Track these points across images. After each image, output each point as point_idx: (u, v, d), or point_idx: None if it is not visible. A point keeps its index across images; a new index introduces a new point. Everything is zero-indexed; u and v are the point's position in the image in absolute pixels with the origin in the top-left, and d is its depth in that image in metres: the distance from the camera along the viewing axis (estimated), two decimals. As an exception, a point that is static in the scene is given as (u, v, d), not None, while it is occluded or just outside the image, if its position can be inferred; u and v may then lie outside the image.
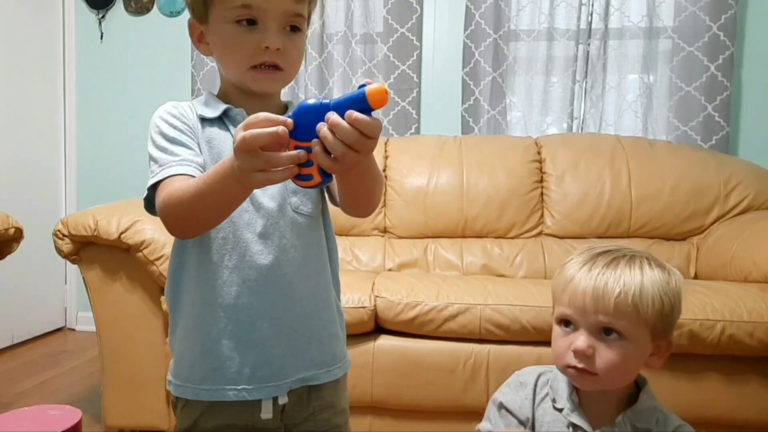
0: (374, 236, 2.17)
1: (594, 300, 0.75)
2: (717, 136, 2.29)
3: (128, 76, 2.77)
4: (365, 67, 2.55)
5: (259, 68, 0.78)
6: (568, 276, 0.79)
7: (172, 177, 0.75)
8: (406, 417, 1.59)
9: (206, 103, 0.84)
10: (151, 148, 0.79)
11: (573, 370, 0.77)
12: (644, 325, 0.76)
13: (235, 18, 0.76)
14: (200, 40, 0.83)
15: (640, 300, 0.75)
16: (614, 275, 0.76)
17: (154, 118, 0.81)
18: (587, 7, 2.37)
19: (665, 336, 0.79)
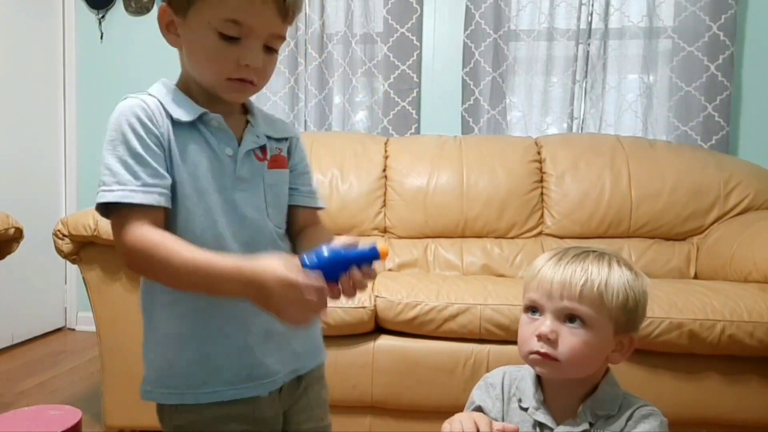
0: (374, 236, 2.17)
1: (561, 285, 0.78)
2: (717, 136, 2.29)
3: (128, 76, 2.76)
4: (365, 67, 2.55)
5: (234, 80, 0.77)
6: (537, 266, 0.82)
7: (141, 212, 0.73)
8: (406, 417, 1.59)
9: (176, 101, 0.79)
10: (109, 155, 0.75)
11: (536, 356, 0.79)
12: (607, 316, 0.78)
13: (219, 28, 0.74)
14: (169, 29, 0.80)
15: (605, 290, 0.77)
16: (582, 266, 0.79)
17: (119, 120, 0.76)
18: (587, 7, 2.37)
19: (628, 331, 0.80)
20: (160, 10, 0.79)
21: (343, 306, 1.53)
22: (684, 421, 1.48)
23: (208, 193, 0.79)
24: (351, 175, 2.18)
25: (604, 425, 0.80)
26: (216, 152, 0.80)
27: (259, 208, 0.82)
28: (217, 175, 0.79)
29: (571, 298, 0.77)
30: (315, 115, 2.57)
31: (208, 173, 0.79)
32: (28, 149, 2.64)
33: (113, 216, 0.75)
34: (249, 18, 0.74)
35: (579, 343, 0.77)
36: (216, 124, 0.80)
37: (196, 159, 0.78)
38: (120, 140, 0.75)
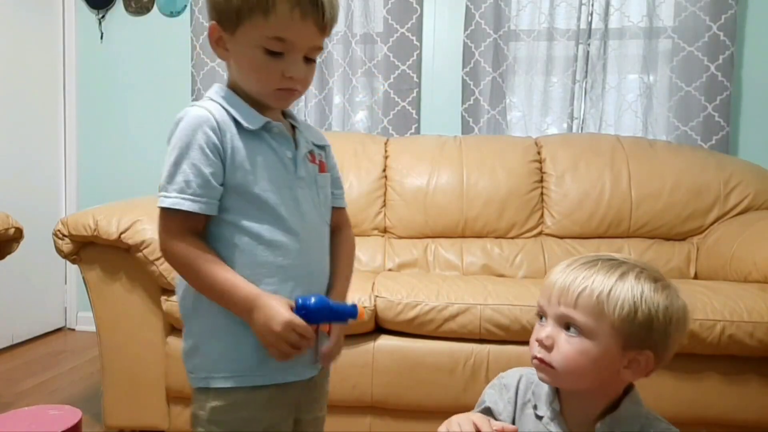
0: (374, 236, 2.17)
1: (559, 291, 0.76)
2: (717, 136, 2.29)
3: (128, 76, 2.77)
4: (365, 67, 2.55)
5: (280, 90, 0.86)
6: (551, 272, 0.81)
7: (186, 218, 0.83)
8: (406, 417, 1.59)
9: (240, 109, 0.87)
10: (171, 159, 0.83)
11: (536, 361, 0.78)
12: (610, 328, 0.73)
13: (265, 45, 0.82)
14: (218, 43, 0.87)
15: (607, 300, 0.73)
16: (587, 273, 0.76)
17: (187, 130, 0.83)
18: (587, 7, 2.37)
19: (642, 348, 0.74)
20: (210, 27, 0.87)
21: (343, 306, 1.53)
22: (684, 421, 1.48)
23: (275, 191, 0.87)
24: (351, 175, 2.18)
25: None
26: (279, 155, 0.89)
27: (315, 206, 0.94)
28: (282, 175, 0.89)
29: (567, 305, 0.75)
30: (315, 115, 2.57)
31: (274, 173, 0.88)
32: (28, 149, 2.64)
33: (164, 216, 0.84)
34: (291, 35, 0.82)
35: (573, 351, 0.74)
36: (278, 130, 0.90)
37: (262, 161, 0.87)
38: (184, 149, 0.83)
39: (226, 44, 0.86)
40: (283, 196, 0.88)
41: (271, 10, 0.81)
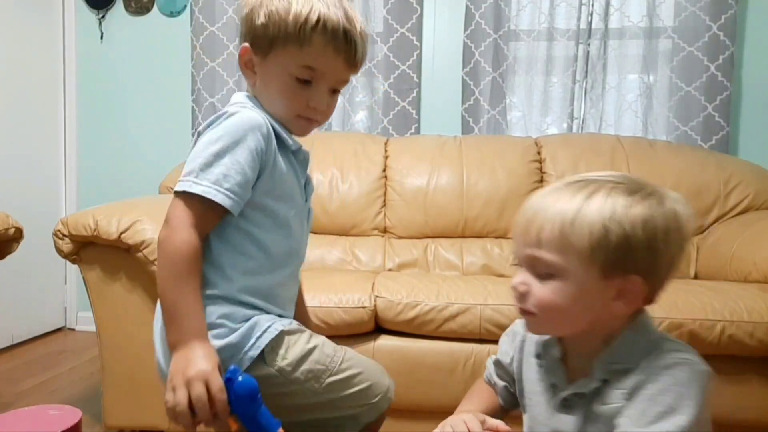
0: (374, 236, 2.17)
1: (522, 230, 0.68)
2: (717, 136, 2.29)
3: (128, 76, 2.77)
4: (365, 67, 2.54)
5: (302, 118, 0.89)
6: (527, 202, 0.71)
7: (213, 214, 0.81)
8: (406, 417, 1.59)
9: (279, 127, 0.88)
10: (213, 149, 0.81)
11: (522, 312, 0.70)
12: (581, 259, 0.64)
13: (296, 74, 0.85)
14: (247, 65, 0.89)
15: (571, 229, 0.64)
16: (549, 202, 0.67)
17: (243, 127, 0.82)
18: (587, 7, 2.37)
19: (625, 274, 0.65)
20: (242, 49, 0.88)
21: (343, 306, 1.53)
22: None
23: (293, 214, 0.90)
24: (351, 175, 2.18)
25: (623, 381, 0.66)
26: (299, 181, 0.93)
27: (306, 236, 0.97)
28: (299, 201, 0.93)
29: (530, 245, 0.67)
30: (315, 115, 2.57)
31: (295, 197, 0.91)
32: (28, 149, 2.64)
33: (184, 203, 0.80)
34: (322, 66, 0.85)
35: (549, 294, 0.66)
36: (303, 157, 0.94)
37: (290, 182, 0.90)
38: (231, 145, 0.81)
39: (255, 66, 0.88)
40: (295, 221, 0.91)
41: (307, 43, 0.84)
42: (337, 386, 0.87)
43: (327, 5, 0.85)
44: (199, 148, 0.82)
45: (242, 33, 0.89)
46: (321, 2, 0.84)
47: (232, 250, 0.85)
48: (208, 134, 0.83)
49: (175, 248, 0.78)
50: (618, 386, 0.67)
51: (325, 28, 0.84)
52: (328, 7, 0.84)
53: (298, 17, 0.83)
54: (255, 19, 0.86)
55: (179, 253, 0.78)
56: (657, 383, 0.63)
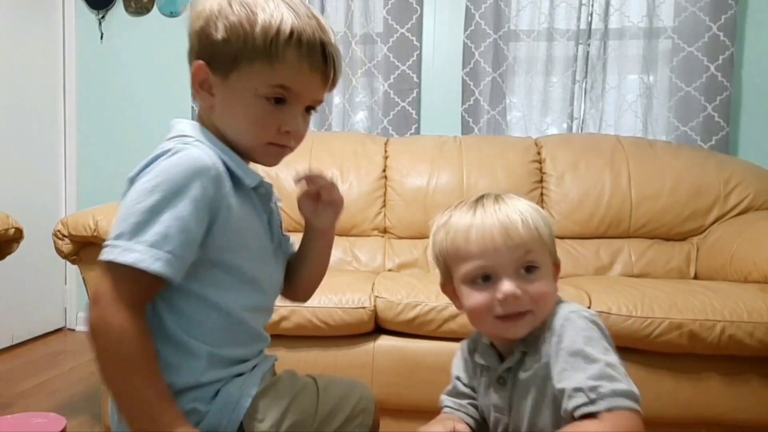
0: (374, 236, 2.17)
1: (503, 236, 0.75)
2: (717, 136, 2.29)
3: (128, 76, 2.77)
4: (365, 67, 2.55)
5: (274, 145, 0.78)
6: (462, 228, 0.78)
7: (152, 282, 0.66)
8: (406, 417, 1.59)
9: (235, 162, 0.76)
10: (162, 202, 0.67)
11: (504, 320, 0.76)
12: (546, 248, 0.78)
13: (265, 93, 0.74)
14: (203, 87, 0.76)
15: (537, 223, 0.77)
16: (507, 208, 0.77)
17: (190, 179, 0.68)
18: (587, 7, 2.37)
19: (555, 258, 0.81)
20: (195, 67, 0.75)
21: (343, 306, 1.53)
22: (684, 421, 1.48)
23: (258, 264, 0.79)
24: (351, 175, 2.18)
25: (536, 347, 0.77)
26: (262, 219, 0.81)
27: (279, 276, 0.87)
28: (265, 244, 0.81)
29: (517, 246, 0.75)
30: (315, 115, 2.55)
31: (258, 242, 0.80)
32: (28, 149, 2.64)
33: (115, 275, 0.66)
34: (297, 86, 0.75)
35: (542, 286, 0.76)
36: (264, 191, 0.81)
37: (249, 226, 0.78)
38: (171, 196, 0.67)
39: (213, 88, 0.75)
40: (262, 270, 0.80)
41: (279, 59, 0.72)
42: (327, 421, 0.84)
43: (298, 15, 0.73)
44: (131, 201, 0.68)
45: (194, 49, 0.76)
46: (290, 11, 0.73)
47: (188, 321, 0.73)
48: (141, 182, 0.69)
49: (116, 336, 0.65)
50: (533, 353, 0.78)
51: (300, 41, 0.72)
52: (299, 17, 0.73)
53: (268, 30, 0.71)
54: (213, 33, 0.73)
55: (122, 341, 0.65)
56: (561, 343, 0.73)
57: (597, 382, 0.69)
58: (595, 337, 0.73)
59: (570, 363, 0.71)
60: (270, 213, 0.83)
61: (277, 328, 1.52)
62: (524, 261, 0.75)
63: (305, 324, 1.52)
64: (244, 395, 0.75)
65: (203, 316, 0.74)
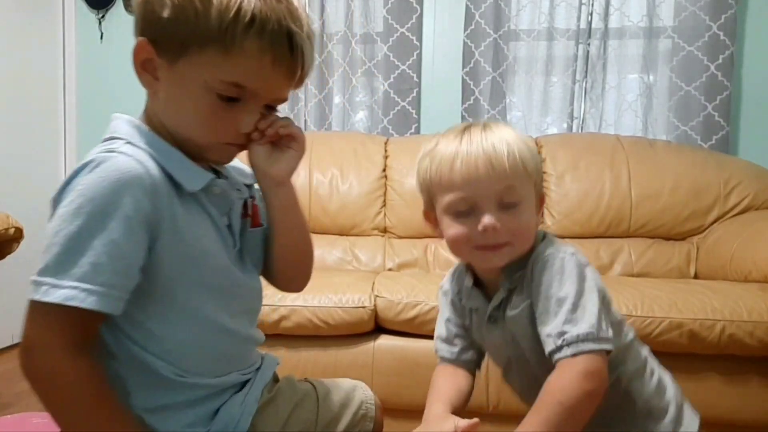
0: (374, 236, 2.16)
1: (487, 167, 0.74)
2: (717, 136, 2.29)
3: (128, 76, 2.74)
4: (365, 67, 2.55)
5: (228, 145, 0.68)
6: (447, 156, 0.76)
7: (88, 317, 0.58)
8: (406, 417, 1.59)
9: (177, 162, 0.65)
10: (88, 225, 0.57)
11: (483, 250, 0.76)
12: (530, 181, 0.76)
13: (219, 90, 0.64)
14: (145, 67, 0.66)
15: (523, 155, 0.75)
16: (494, 138, 0.75)
17: (119, 194, 0.58)
18: (587, 7, 2.37)
19: (540, 191, 0.80)
20: (138, 45, 0.66)
21: (343, 306, 1.53)
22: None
23: (215, 282, 0.69)
24: (351, 175, 2.18)
25: (521, 284, 0.78)
26: (218, 224, 0.70)
27: (251, 280, 0.75)
28: (222, 255, 0.70)
29: (502, 177, 0.73)
30: (315, 115, 2.57)
31: (213, 253, 0.68)
32: (28, 149, 2.64)
33: (46, 316, 0.58)
34: (255, 83, 0.65)
35: (520, 221, 0.75)
36: (219, 191, 0.70)
37: (204, 234, 0.67)
38: (98, 217, 0.58)
39: (158, 71, 0.65)
40: (226, 278, 0.70)
41: (234, 48, 0.62)
42: (328, 430, 0.82)
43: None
44: (53, 228, 0.58)
45: (138, 24, 0.67)
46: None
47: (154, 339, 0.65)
48: (63, 204, 0.59)
49: (62, 386, 0.57)
50: (519, 291, 0.78)
51: (262, 29, 0.62)
52: (264, 0, 0.62)
53: (224, 12, 0.60)
54: (157, 9, 0.63)
55: (69, 390, 0.57)
56: (542, 284, 0.74)
57: (563, 327, 0.70)
58: (570, 277, 0.73)
59: (544, 306, 0.73)
60: (230, 213, 0.72)
61: (277, 327, 1.52)
62: (506, 193, 0.75)
63: (305, 324, 1.52)
64: (245, 414, 0.72)
65: (169, 334, 0.66)
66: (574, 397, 0.67)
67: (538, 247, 0.78)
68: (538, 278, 0.74)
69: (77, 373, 0.58)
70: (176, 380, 0.67)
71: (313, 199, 2.15)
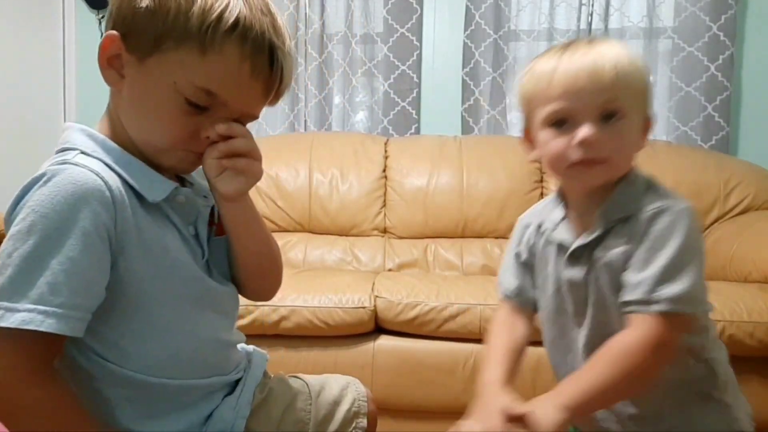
0: (374, 236, 2.17)
1: (591, 78, 0.70)
2: (717, 136, 2.29)
3: (128, 76, 2.76)
4: (365, 67, 2.55)
5: (187, 152, 0.64)
6: (547, 70, 0.73)
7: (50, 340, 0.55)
8: (406, 417, 1.59)
9: (137, 171, 0.62)
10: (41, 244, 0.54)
11: (579, 166, 0.73)
12: (635, 98, 0.73)
13: (188, 95, 0.60)
14: (112, 63, 0.63)
15: (629, 70, 0.71)
16: (598, 51, 0.71)
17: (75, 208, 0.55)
18: (587, 7, 2.37)
19: (647, 111, 0.76)
20: (105, 38, 0.63)
21: (343, 306, 1.53)
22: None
23: (186, 286, 0.66)
24: (351, 175, 2.18)
25: (621, 229, 0.73)
26: (183, 234, 0.67)
27: (219, 288, 0.72)
28: (191, 268, 0.67)
29: (604, 89, 0.70)
30: (315, 115, 2.57)
31: (183, 261, 0.66)
32: (28, 149, 2.64)
33: (6, 343, 0.54)
34: (228, 92, 0.61)
35: (621, 137, 0.72)
36: (183, 199, 0.67)
37: (168, 246, 0.64)
38: (52, 235, 0.55)
39: (125, 68, 0.62)
40: (196, 296, 0.68)
41: (213, 49, 0.59)
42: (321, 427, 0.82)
43: (249, 6, 0.60)
44: (6, 248, 0.55)
45: (111, 16, 0.63)
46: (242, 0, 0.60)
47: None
48: (15, 222, 0.56)
49: (31, 416, 0.55)
50: (618, 234, 0.74)
51: (245, 36, 0.59)
52: (251, 9, 0.60)
53: (208, 11, 0.58)
54: (137, 2, 0.60)
55: (40, 418, 0.55)
56: (650, 233, 0.70)
57: (660, 281, 0.68)
58: (680, 232, 0.69)
59: (646, 255, 0.69)
60: (196, 222, 0.69)
61: (277, 328, 1.52)
62: (607, 107, 0.71)
63: (305, 324, 1.52)
64: (239, 417, 0.72)
65: (145, 351, 0.64)
66: (643, 358, 0.66)
67: (647, 195, 0.75)
68: (647, 225, 0.71)
69: (39, 404, 0.55)
70: (161, 387, 0.66)
71: (313, 199, 2.15)
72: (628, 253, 0.72)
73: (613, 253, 0.73)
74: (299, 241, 2.09)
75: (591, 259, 0.76)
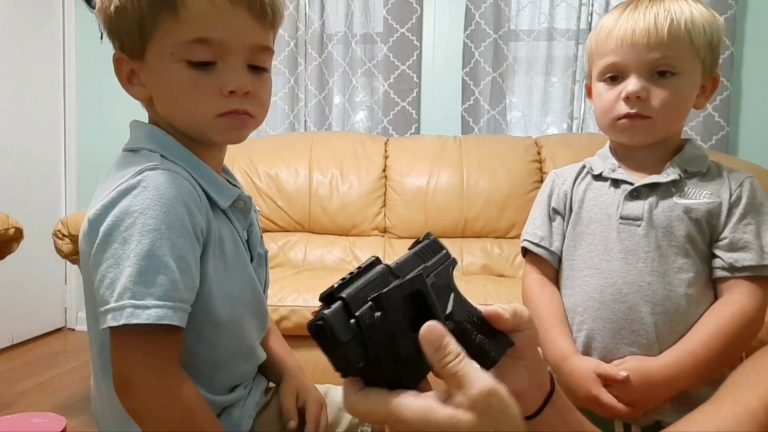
0: (374, 236, 2.16)
1: (646, 33, 0.71)
2: (717, 136, 2.29)
3: (128, 76, 2.76)
4: (365, 67, 2.55)
5: (227, 115, 0.63)
6: (609, 24, 0.75)
7: (175, 338, 0.57)
8: (406, 417, 1.59)
9: (208, 177, 0.64)
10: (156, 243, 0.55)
11: (625, 120, 0.74)
12: (696, 57, 0.72)
13: (187, 56, 0.60)
14: (131, 80, 0.65)
15: (692, 27, 0.70)
16: (663, 7, 0.72)
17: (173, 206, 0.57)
18: (587, 7, 2.37)
19: (712, 71, 0.75)
20: (115, 62, 0.65)
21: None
22: None
23: (244, 290, 0.69)
24: (351, 175, 2.18)
25: (698, 182, 0.76)
26: (241, 238, 0.69)
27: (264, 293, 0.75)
28: (246, 268, 0.69)
29: (659, 45, 0.70)
30: (315, 115, 2.57)
31: (244, 265, 0.68)
32: (28, 149, 2.64)
33: (144, 341, 0.55)
34: (218, 32, 0.60)
35: (670, 94, 0.72)
36: (242, 205, 0.69)
37: (229, 249, 0.66)
38: (163, 233, 0.56)
39: (141, 76, 0.64)
40: (249, 301, 0.70)
41: (180, 4, 0.59)
42: None
43: None
44: (118, 253, 0.56)
45: (104, 34, 0.65)
46: None
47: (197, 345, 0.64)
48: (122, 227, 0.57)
49: (179, 421, 0.56)
50: (698, 186, 0.76)
51: None
52: None
53: None
54: (108, 6, 0.62)
55: (188, 422, 0.56)
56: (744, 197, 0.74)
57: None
58: None
59: (753, 219, 0.73)
60: (250, 227, 0.72)
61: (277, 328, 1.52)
62: (659, 63, 0.71)
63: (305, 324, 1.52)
64: (246, 417, 0.72)
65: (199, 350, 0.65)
66: (761, 321, 0.70)
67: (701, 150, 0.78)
68: (752, 192, 0.74)
69: (173, 402, 0.56)
70: None
71: (313, 199, 2.15)
72: (712, 206, 0.75)
73: (695, 202, 0.75)
74: (299, 241, 2.09)
75: (658, 199, 0.77)
